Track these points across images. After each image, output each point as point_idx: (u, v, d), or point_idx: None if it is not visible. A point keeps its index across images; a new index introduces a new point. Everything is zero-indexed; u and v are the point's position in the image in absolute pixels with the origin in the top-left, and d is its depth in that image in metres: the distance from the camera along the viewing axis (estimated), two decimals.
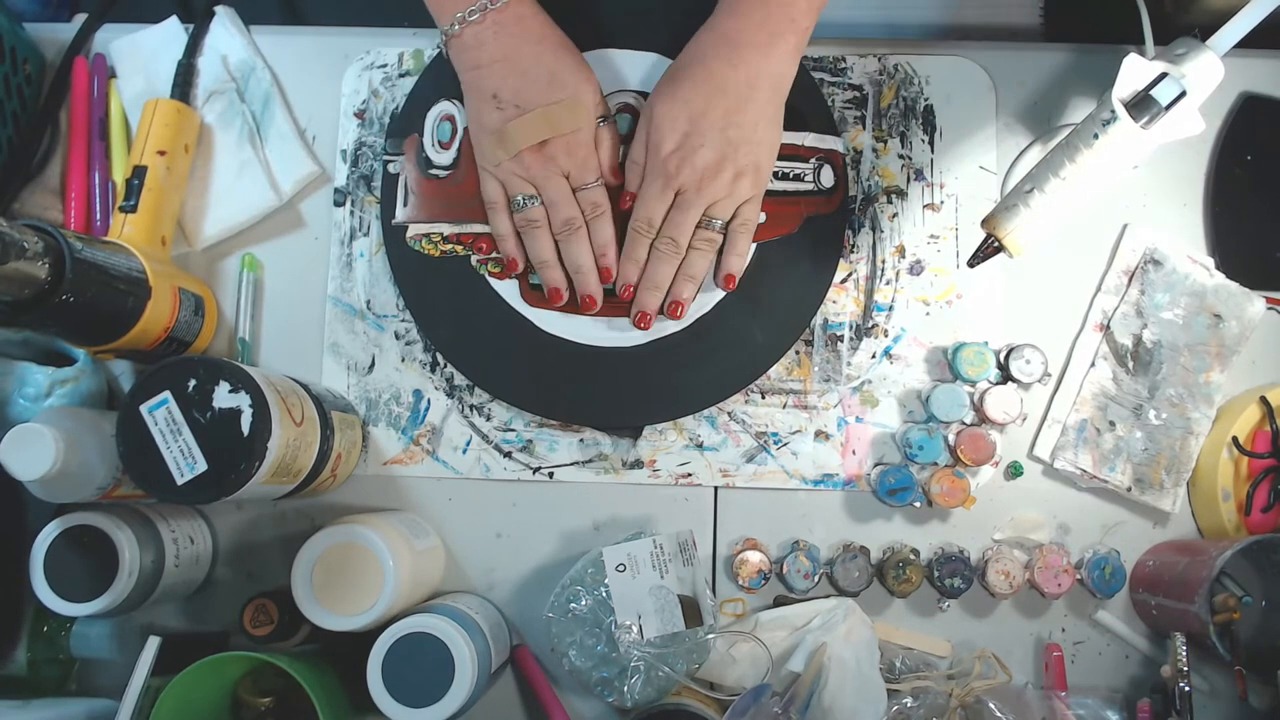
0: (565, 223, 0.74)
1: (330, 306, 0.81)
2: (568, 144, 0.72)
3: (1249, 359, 0.79)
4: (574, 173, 0.74)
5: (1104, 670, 0.76)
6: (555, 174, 0.73)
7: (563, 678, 0.76)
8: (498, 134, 0.72)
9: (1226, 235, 0.80)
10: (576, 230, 0.74)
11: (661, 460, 0.78)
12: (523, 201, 0.74)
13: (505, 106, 0.71)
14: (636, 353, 0.77)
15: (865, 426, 0.78)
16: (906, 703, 0.71)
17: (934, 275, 0.80)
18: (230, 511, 0.79)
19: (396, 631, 0.66)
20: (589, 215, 0.74)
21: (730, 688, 0.73)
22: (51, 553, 0.67)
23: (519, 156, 0.72)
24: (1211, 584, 0.69)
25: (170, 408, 0.62)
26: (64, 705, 0.72)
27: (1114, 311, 0.78)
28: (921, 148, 0.81)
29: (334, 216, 0.82)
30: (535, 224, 0.74)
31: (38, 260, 0.61)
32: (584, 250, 0.75)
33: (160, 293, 0.72)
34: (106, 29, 0.84)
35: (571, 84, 0.72)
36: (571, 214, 0.74)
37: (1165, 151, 0.67)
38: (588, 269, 0.75)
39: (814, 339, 0.79)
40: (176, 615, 0.78)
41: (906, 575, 0.74)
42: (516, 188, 0.74)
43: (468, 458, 0.79)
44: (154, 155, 0.76)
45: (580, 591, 0.71)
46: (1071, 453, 0.77)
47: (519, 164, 0.73)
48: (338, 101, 0.83)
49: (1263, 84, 0.81)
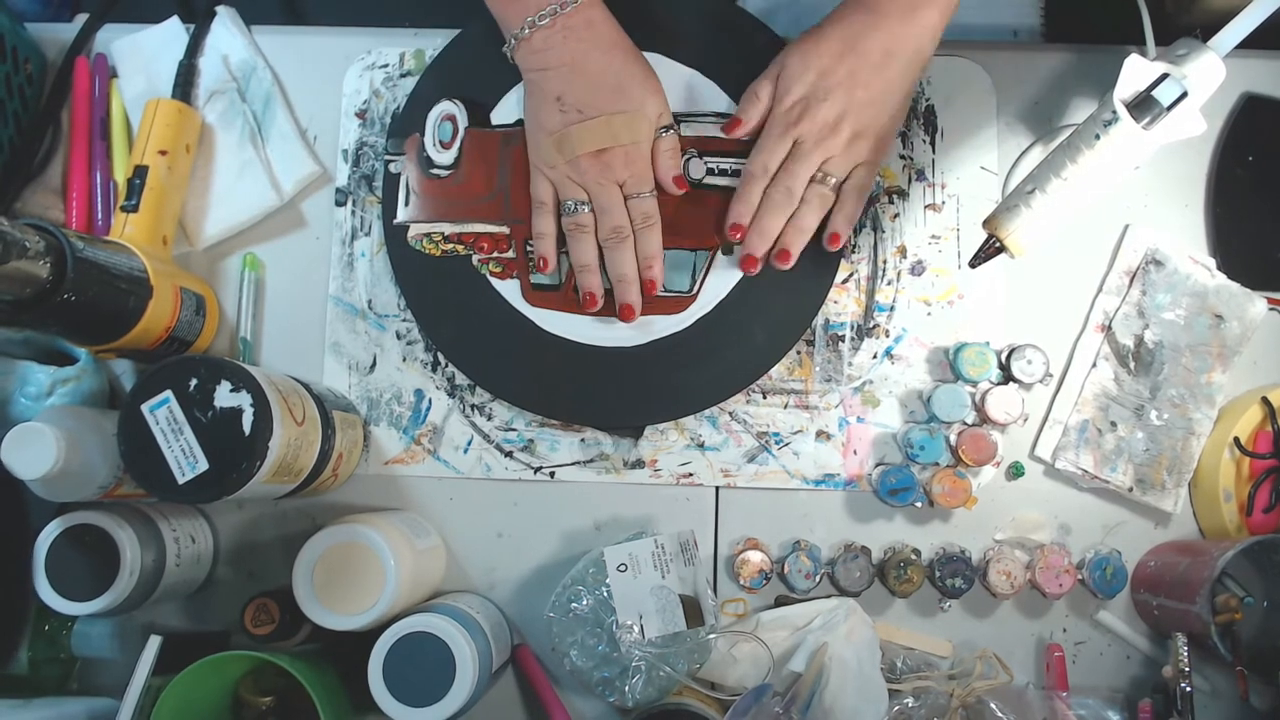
0: (614, 230, 0.74)
1: (332, 306, 0.81)
2: (626, 154, 0.72)
3: (1250, 359, 0.79)
4: (629, 182, 0.73)
5: (1105, 670, 0.76)
6: (610, 182, 0.73)
7: (564, 677, 0.76)
8: (558, 136, 0.72)
9: (1228, 236, 0.80)
10: (624, 240, 0.74)
11: (663, 460, 0.78)
12: (574, 206, 0.74)
13: (568, 110, 0.71)
14: (638, 353, 0.77)
15: (866, 426, 0.78)
16: (908, 703, 0.71)
17: (935, 275, 0.80)
18: (231, 511, 0.79)
19: (397, 631, 0.66)
20: (638, 225, 0.74)
21: (731, 688, 0.73)
22: (53, 552, 0.67)
23: (575, 161, 0.72)
24: (1213, 584, 0.69)
25: (172, 407, 0.62)
26: (65, 704, 0.72)
27: (1115, 312, 0.78)
28: (923, 148, 0.81)
29: (335, 216, 0.82)
30: (584, 229, 0.74)
31: (39, 259, 0.61)
32: (629, 260, 0.74)
33: (161, 292, 0.72)
34: (108, 29, 0.84)
35: (638, 96, 0.72)
36: (621, 222, 0.74)
37: (1166, 152, 0.67)
38: (630, 279, 0.75)
39: (815, 339, 0.79)
40: (177, 615, 0.78)
41: (908, 575, 0.74)
42: (569, 192, 0.74)
43: (469, 457, 0.79)
44: (155, 155, 0.76)
45: (581, 591, 0.71)
46: (1073, 453, 0.77)
47: (575, 168, 0.73)
48: (339, 101, 0.83)
49: (1264, 84, 0.81)
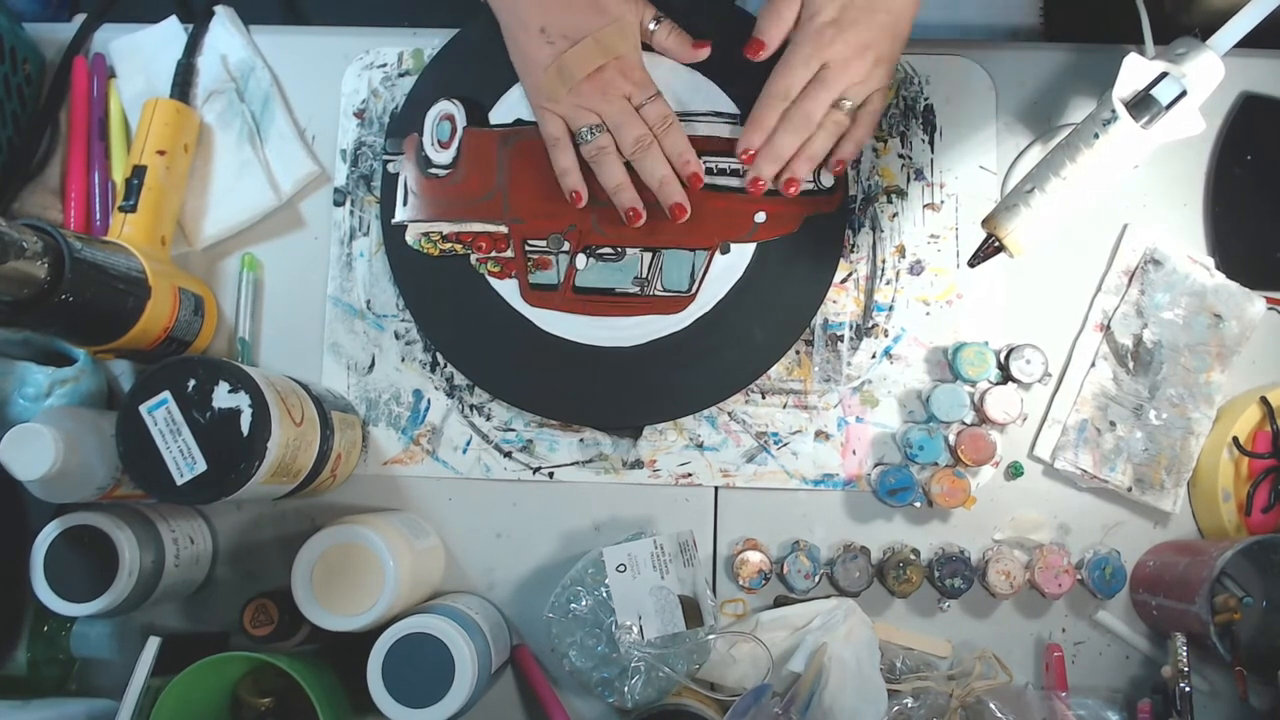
0: (636, 140, 0.74)
1: (330, 306, 0.81)
2: (621, 67, 0.73)
3: (1249, 359, 0.79)
4: (634, 93, 0.74)
5: (1104, 670, 0.76)
6: (616, 96, 0.73)
7: (563, 678, 0.76)
8: (554, 68, 0.72)
9: (1227, 235, 0.80)
10: (649, 146, 0.74)
11: (662, 460, 0.78)
12: (589, 133, 0.74)
13: (555, 40, 0.72)
14: (636, 352, 0.77)
15: (865, 426, 0.78)
16: (907, 703, 0.71)
17: (934, 275, 0.80)
18: (230, 511, 0.79)
19: (396, 632, 0.66)
20: (658, 129, 0.74)
21: (731, 688, 0.73)
22: (51, 553, 0.67)
23: (577, 88, 0.72)
24: (1212, 584, 0.69)
25: (170, 408, 0.62)
26: (64, 705, 0.72)
27: (1114, 311, 0.78)
28: (921, 147, 0.81)
29: (334, 216, 0.82)
30: (605, 151, 0.74)
31: (37, 260, 0.61)
32: (661, 162, 0.74)
33: (160, 292, 0.72)
34: (106, 29, 0.84)
35: (614, 6, 0.72)
36: (640, 131, 0.74)
37: (1165, 151, 0.67)
38: (669, 178, 0.74)
39: (814, 339, 0.79)
40: (176, 615, 0.78)
41: (907, 575, 0.74)
42: (580, 119, 0.74)
43: (468, 458, 0.79)
44: (153, 155, 0.76)
45: (581, 592, 0.71)
46: (1072, 453, 0.77)
47: (578, 95, 0.73)
48: (337, 101, 0.83)
49: (1263, 84, 0.81)
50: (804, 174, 0.75)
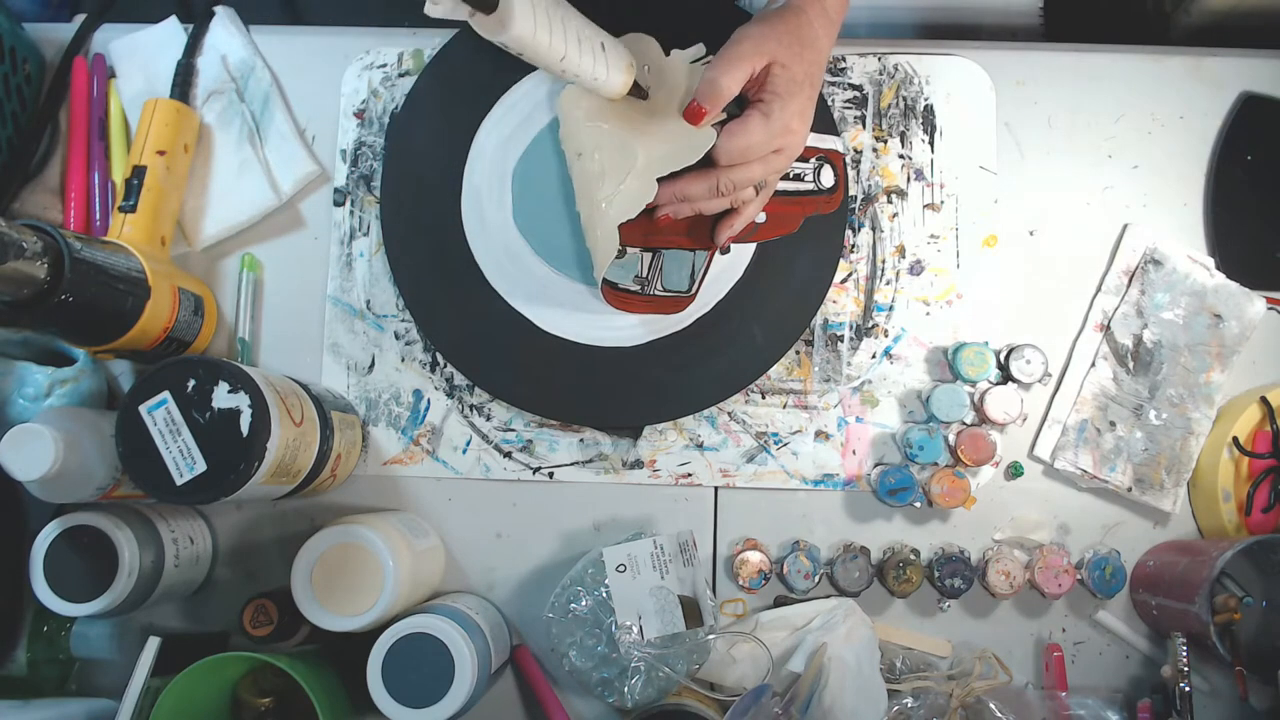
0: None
1: (330, 306, 0.81)
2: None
3: (1249, 359, 0.79)
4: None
5: (1104, 670, 0.76)
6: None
7: (563, 678, 0.76)
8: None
9: (1226, 235, 0.80)
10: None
11: (661, 460, 0.78)
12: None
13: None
14: (636, 353, 0.77)
15: (865, 426, 0.78)
16: (907, 703, 0.71)
17: (934, 275, 0.80)
18: (230, 511, 0.79)
19: (396, 632, 0.66)
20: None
21: (731, 688, 0.73)
22: (51, 553, 0.67)
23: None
24: (1212, 584, 0.69)
25: (170, 408, 0.62)
26: (64, 705, 0.72)
27: (1114, 311, 0.78)
28: (921, 147, 0.81)
29: (334, 216, 0.82)
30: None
31: (37, 260, 0.61)
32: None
33: (160, 292, 0.72)
34: (106, 29, 0.84)
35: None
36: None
37: (1166, 152, 0.67)
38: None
39: (814, 339, 0.79)
40: (176, 615, 0.78)
41: (907, 575, 0.74)
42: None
43: (468, 458, 0.79)
44: (153, 155, 0.76)
45: (580, 592, 0.71)
46: (1072, 453, 0.77)
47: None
48: (337, 101, 0.83)
49: (1263, 84, 0.81)
50: (681, 216, 0.69)
